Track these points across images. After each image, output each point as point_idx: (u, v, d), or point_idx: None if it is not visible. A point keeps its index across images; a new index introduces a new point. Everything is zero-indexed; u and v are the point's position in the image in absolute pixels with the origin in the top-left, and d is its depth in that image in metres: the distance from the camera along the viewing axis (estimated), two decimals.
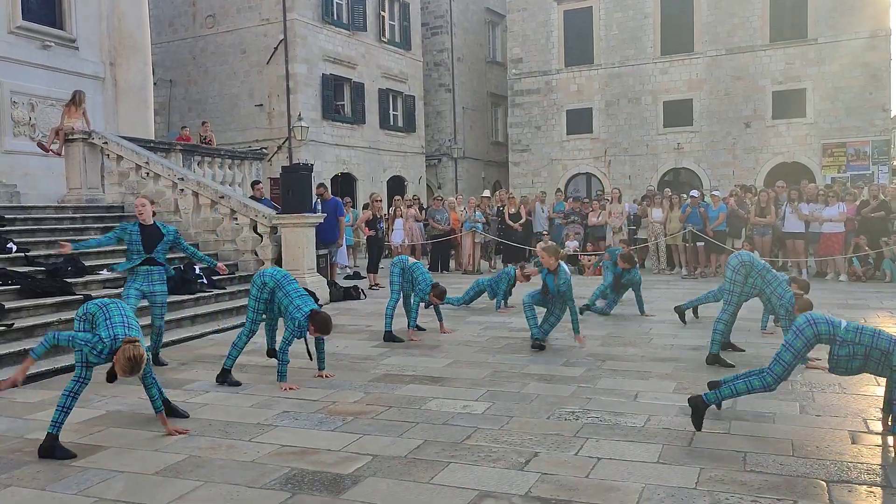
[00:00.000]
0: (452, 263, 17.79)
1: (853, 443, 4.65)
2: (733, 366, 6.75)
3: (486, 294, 11.39)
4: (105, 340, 4.72)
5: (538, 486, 4.07)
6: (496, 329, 9.25)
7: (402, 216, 17.41)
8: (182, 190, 12.55)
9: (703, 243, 15.21)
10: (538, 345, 7.84)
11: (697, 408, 4.90)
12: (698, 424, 4.90)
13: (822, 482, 4.01)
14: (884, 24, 24.35)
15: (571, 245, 16.75)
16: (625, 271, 10.05)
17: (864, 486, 3.94)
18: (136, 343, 4.62)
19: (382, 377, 6.75)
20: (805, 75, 25.14)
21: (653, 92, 27.21)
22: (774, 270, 7.18)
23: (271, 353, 7.21)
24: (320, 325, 6.33)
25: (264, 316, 6.94)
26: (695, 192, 16.21)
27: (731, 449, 4.57)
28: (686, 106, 26.77)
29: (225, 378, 6.60)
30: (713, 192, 16.57)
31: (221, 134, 22.12)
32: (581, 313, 9.04)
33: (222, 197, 12.28)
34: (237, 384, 6.51)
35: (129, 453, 4.76)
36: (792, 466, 4.26)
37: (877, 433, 4.83)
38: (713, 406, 5.03)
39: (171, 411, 5.37)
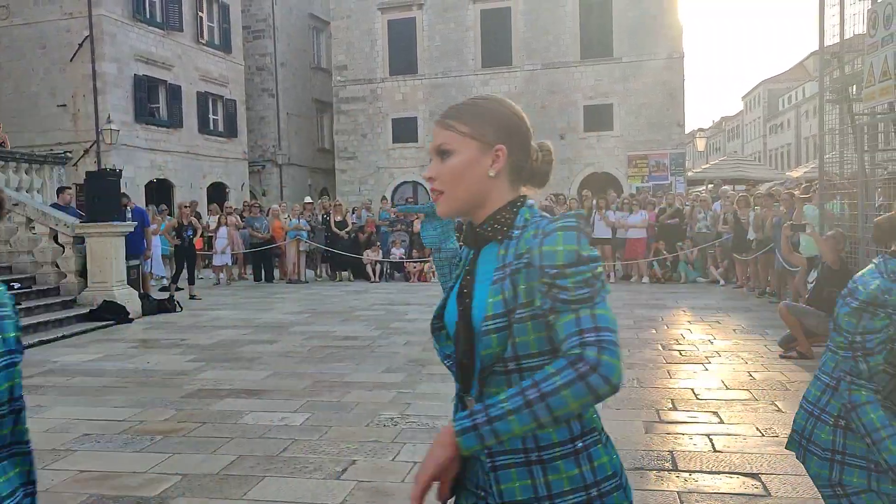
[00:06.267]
0: (278, 273, 17.41)
1: (646, 432, 5.04)
2: None
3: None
4: None
5: (354, 493, 4.06)
6: (319, 339, 9.14)
7: (225, 224, 16.81)
8: None
9: None
10: None
11: None
12: None
13: None
14: (678, 48, 26.73)
15: (398, 252, 16.93)
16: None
17: (654, 472, 4.28)
18: None
19: (196, 392, 6.46)
20: (612, 91, 27.04)
21: None
22: None
23: None
24: None
25: None
26: None
27: None
28: None
29: None
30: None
31: (18, 135, 20.25)
32: None
33: (16, 204, 11.25)
34: None
35: None
36: None
37: (667, 422, 5.26)
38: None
39: None
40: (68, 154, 18.34)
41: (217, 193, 26.46)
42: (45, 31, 21.90)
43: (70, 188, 14.00)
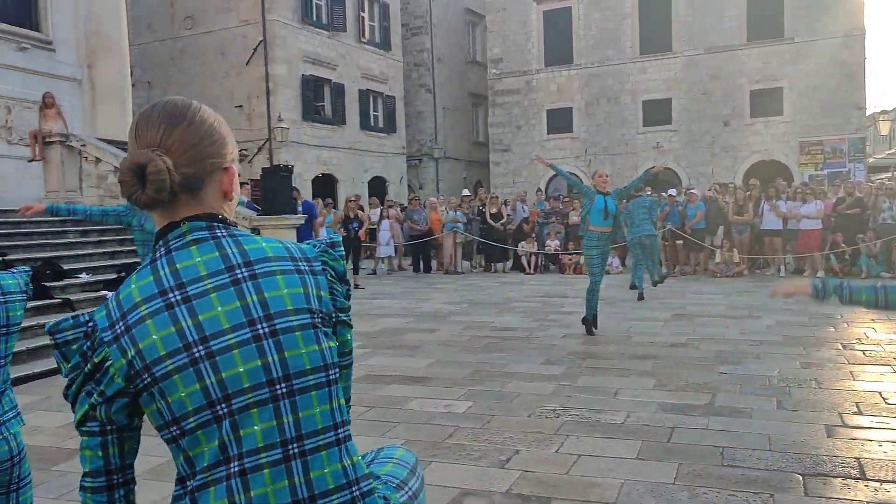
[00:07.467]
0: (434, 264, 17.82)
1: (828, 437, 4.72)
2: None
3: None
4: None
5: (519, 483, 4.10)
6: (477, 329, 9.28)
7: (387, 217, 17.43)
8: None
9: (681, 242, 15.34)
10: None
11: None
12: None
13: (798, 476, 4.07)
14: (859, 24, 24.65)
15: (553, 244, 16.83)
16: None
17: (839, 479, 4.01)
18: None
19: (364, 377, 6.76)
20: (782, 74, 25.39)
21: (632, 91, 27.38)
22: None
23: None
24: None
25: None
26: (672, 191, 16.35)
27: (709, 444, 4.63)
28: (665, 105, 26.95)
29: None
30: (691, 190, 16.71)
31: None
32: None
33: None
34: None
35: None
36: (768, 461, 4.31)
37: (852, 427, 4.91)
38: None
39: None
40: (244, 152, 19.67)
41: (377, 187, 27.45)
42: (224, 39, 23.59)
43: (247, 183, 15.01)
